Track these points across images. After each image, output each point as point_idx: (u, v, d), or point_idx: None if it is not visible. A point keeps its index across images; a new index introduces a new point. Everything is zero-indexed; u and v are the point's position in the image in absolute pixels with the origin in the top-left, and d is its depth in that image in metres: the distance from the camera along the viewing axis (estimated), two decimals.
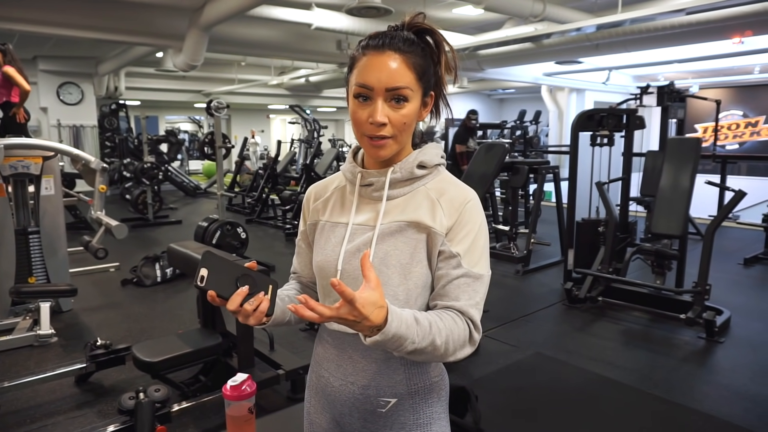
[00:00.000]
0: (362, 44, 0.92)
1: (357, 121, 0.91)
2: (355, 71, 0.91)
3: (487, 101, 18.26)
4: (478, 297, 0.91)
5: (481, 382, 2.87)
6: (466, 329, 0.88)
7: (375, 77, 0.88)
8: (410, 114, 0.91)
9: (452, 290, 0.90)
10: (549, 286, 4.68)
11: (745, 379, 2.92)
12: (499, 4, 6.26)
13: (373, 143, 0.91)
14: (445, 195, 0.95)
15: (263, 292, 0.87)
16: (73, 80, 10.89)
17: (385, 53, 0.89)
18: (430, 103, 0.97)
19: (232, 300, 0.84)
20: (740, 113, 12.71)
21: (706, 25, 6.04)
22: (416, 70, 0.90)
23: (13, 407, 2.61)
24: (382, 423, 0.99)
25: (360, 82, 0.89)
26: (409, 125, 0.92)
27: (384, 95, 0.89)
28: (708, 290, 3.53)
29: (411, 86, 0.90)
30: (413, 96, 0.91)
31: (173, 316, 3.92)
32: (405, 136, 0.93)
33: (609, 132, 4.37)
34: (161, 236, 6.83)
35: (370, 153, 0.93)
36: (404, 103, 0.90)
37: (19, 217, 3.75)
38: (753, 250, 5.68)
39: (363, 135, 0.92)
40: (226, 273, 0.86)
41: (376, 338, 0.77)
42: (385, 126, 0.90)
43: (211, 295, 0.84)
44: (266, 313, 0.87)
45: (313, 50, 8.54)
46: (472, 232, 0.93)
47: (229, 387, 1.12)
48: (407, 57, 0.90)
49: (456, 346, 0.86)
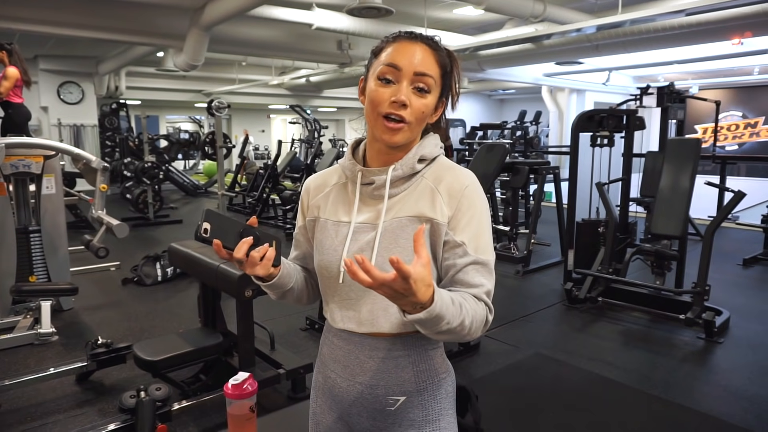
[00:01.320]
0: (393, 35, 0.94)
1: (377, 99, 0.90)
2: (383, 55, 0.92)
3: (488, 102, 18.27)
4: (488, 281, 0.93)
5: (481, 381, 2.88)
6: (484, 309, 0.90)
7: (407, 59, 0.90)
8: (429, 105, 0.93)
9: (463, 277, 0.92)
10: (549, 287, 4.69)
11: (744, 380, 2.93)
12: (500, 4, 6.26)
13: (389, 126, 0.90)
14: (443, 182, 0.95)
15: (267, 244, 0.88)
16: (74, 79, 10.89)
17: (417, 43, 0.92)
18: (441, 108, 0.98)
19: (238, 248, 0.85)
20: (740, 114, 12.72)
21: (705, 26, 6.05)
22: (441, 67, 0.93)
23: (14, 405, 2.62)
24: (391, 421, 1.00)
25: (389, 62, 0.90)
26: (425, 117, 0.94)
27: (411, 78, 0.90)
28: (707, 291, 3.54)
29: (435, 78, 0.92)
30: (434, 90, 0.93)
31: (174, 315, 3.92)
32: (418, 128, 0.94)
33: (609, 133, 4.38)
34: (162, 235, 6.83)
35: (384, 137, 0.92)
36: (426, 94, 0.92)
37: (20, 216, 3.76)
38: (752, 250, 5.69)
39: (379, 115, 0.91)
40: (228, 227, 0.86)
41: (420, 316, 0.77)
42: (406, 108, 0.90)
43: (216, 244, 0.84)
44: (273, 263, 0.88)
45: (314, 50, 8.54)
46: (474, 218, 0.93)
47: (231, 386, 1.13)
48: (436, 52, 0.93)
49: (478, 326, 0.88)
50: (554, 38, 7.38)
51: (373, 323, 0.96)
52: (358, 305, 0.97)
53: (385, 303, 0.93)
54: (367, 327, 0.97)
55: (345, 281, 0.97)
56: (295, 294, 1.03)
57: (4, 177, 3.54)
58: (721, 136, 12.58)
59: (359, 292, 0.96)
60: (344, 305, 0.99)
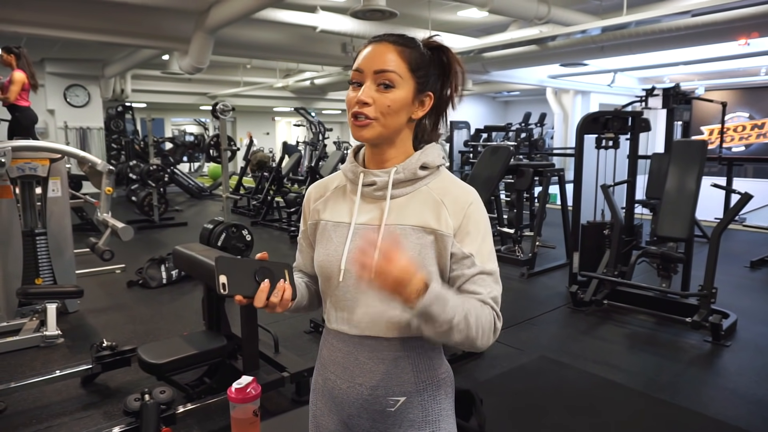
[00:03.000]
0: (368, 40, 0.98)
1: (348, 103, 0.96)
2: (355, 61, 0.97)
3: (492, 103, 18.25)
4: (495, 290, 0.95)
5: (485, 385, 2.87)
6: (491, 313, 0.92)
7: (367, 60, 0.94)
8: (397, 99, 0.94)
9: (471, 286, 0.94)
10: (554, 289, 4.67)
11: (752, 383, 2.91)
12: (504, 6, 6.26)
13: (356, 123, 0.94)
14: (448, 195, 0.97)
15: (282, 279, 0.92)
16: (80, 83, 10.96)
17: (382, 44, 0.95)
18: (428, 103, 0.98)
19: (257, 298, 0.89)
20: (746, 115, 12.65)
21: (711, 26, 6.02)
22: (409, 62, 0.94)
23: (20, 408, 2.62)
24: (391, 422, 1.00)
25: (355, 67, 0.95)
26: (395, 111, 0.94)
27: (372, 77, 0.93)
28: (714, 293, 3.51)
29: (399, 72, 0.93)
30: (401, 84, 0.94)
31: (178, 318, 3.93)
32: (389, 121, 0.95)
33: (614, 134, 4.36)
34: (167, 238, 6.85)
35: (354, 133, 0.96)
36: (391, 89, 0.93)
37: (26, 218, 3.78)
38: (759, 252, 5.65)
39: (350, 116, 0.96)
40: (243, 271, 0.90)
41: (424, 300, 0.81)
42: (368, 106, 0.93)
43: (238, 299, 0.89)
44: (290, 298, 0.93)
45: (318, 53, 8.56)
46: (480, 232, 0.96)
47: (234, 390, 1.13)
48: (402, 49, 0.94)
49: (484, 329, 0.90)
50: (559, 40, 7.37)
51: (365, 326, 0.98)
52: (352, 307, 0.98)
53: (380, 308, 0.95)
54: (359, 330, 0.98)
55: (344, 282, 0.98)
56: (302, 307, 1.08)
57: (10, 180, 3.55)
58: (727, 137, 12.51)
59: (355, 294, 0.97)
60: (339, 306, 1.00)
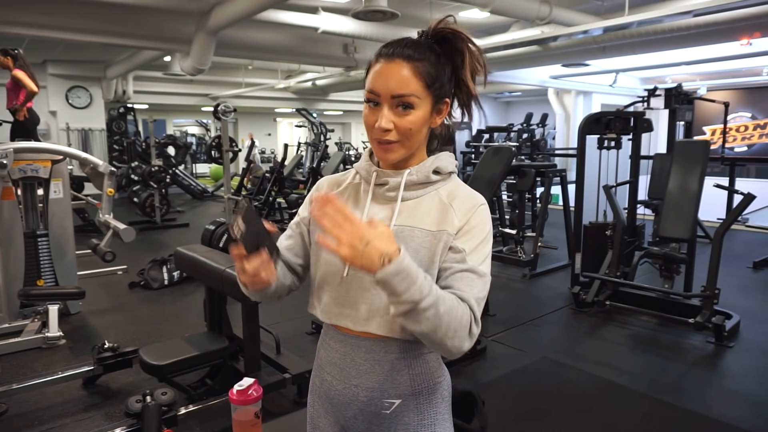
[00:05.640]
0: (377, 52, 0.95)
1: (367, 124, 0.95)
2: (368, 77, 0.94)
3: (494, 104, 18.24)
4: (479, 292, 0.91)
5: (487, 386, 2.86)
6: (466, 313, 0.86)
7: (382, 84, 0.91)
8: (416, 121, 0.93)
9: (454, 281, 0.91)
10: (556, 290, 4.66)
11: (755, 384, 2.89)
12: (506, 7, 6.25)
13: (381, 147, 0.95)
14: (457, 198, 0.98)
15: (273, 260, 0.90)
16: (82, 84, 10.99)
17: (395, 61, 0.91)
18: (444, 109, 0.98)
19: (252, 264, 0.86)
20: (749, 115, 12.63)
21: (713, 26, 6.01)
22: (425, 78, 0.92)
23: (21, 409, 2.62)
24: (386, 425, 1.00)
25: (369, 88, 0.93)
26: (416, 131, 0.94)
27: (390, 102, 0.92)
28: (717, 294, 3.50)
29: (417, 94, 0.91)
30: (420, 104, 0.92)
31: (180, 319, 3.93)
32: (412, 142, 0.95)
33: (616, 135, 4.35)
34: (168, 239, 6.86)
35: (379, 156, 0.97)
36: (410, 110, 0.92)
37: (28, 220, 3.78)
38: (762, 253, 5.62)
39: (372, 138, 0.96)
40: (257, 230, 0.87)
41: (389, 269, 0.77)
42: (390, 131, 0.92)
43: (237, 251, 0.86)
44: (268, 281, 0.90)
45: (320, 54, 8.56)
46: (480, 234, 0.95)
47: (236, 391, 1.13)
48: (416, 65, 0.91)
49: (456, 326, 0.84)
50: (561, 40, 7.36)
51: (369, 323, 0.97)
52: (356, 303, 0.98)
53: (383, 304, 0.94)
54: (362, 326, 0.97)
55: (349, 278, 0.97)
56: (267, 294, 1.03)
57: (12, 181, 3.56)
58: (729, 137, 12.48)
59: (359, 291, 0.97)
60: (342, 302, 0.99)
